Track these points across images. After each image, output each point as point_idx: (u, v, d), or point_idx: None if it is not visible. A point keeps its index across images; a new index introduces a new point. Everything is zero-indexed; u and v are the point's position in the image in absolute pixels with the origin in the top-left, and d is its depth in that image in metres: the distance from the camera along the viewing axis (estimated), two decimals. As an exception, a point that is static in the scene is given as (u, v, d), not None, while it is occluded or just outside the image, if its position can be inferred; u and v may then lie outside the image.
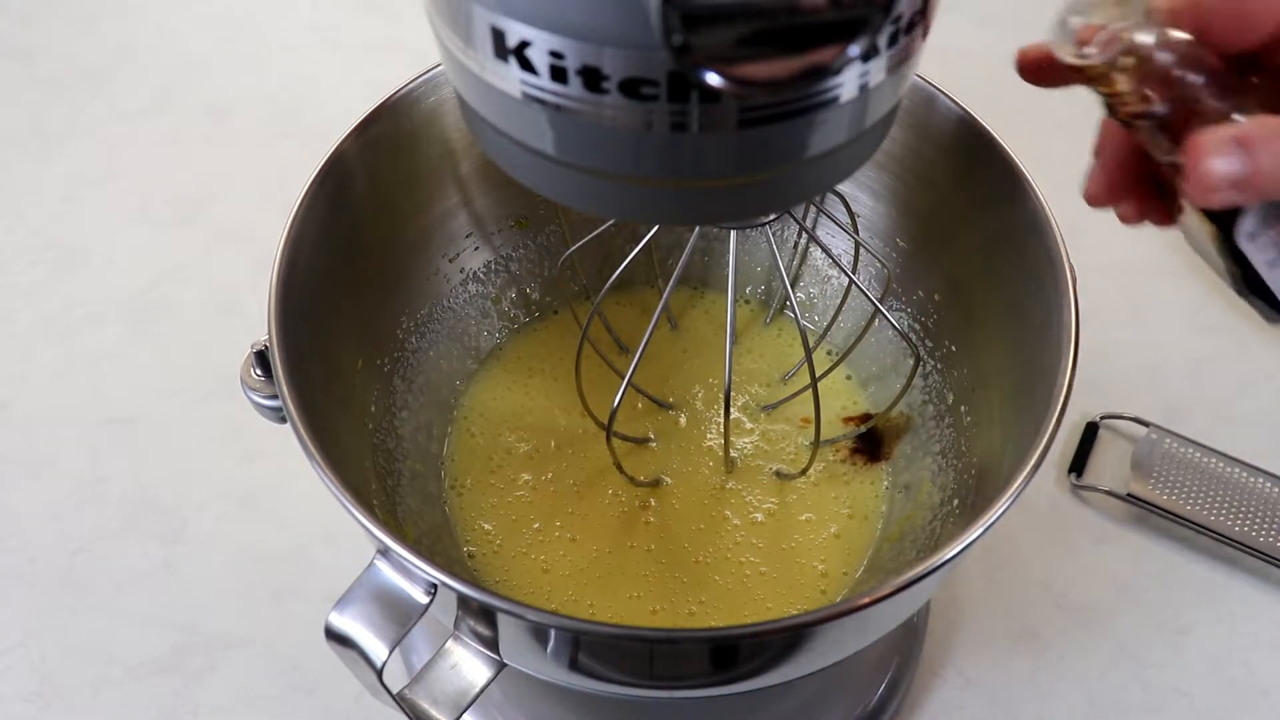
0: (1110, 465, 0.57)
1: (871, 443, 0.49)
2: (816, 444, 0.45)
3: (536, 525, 0.46)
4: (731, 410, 0.50)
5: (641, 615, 0.44)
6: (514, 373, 0.51)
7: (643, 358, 0.41)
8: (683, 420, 0.50)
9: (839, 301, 0.50)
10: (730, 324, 0.42)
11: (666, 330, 0.53)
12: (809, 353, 0.43)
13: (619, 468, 0.46)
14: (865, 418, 0.49)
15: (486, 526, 0.46)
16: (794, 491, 0.47)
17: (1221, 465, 0.55)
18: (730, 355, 0.42)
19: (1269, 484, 0.54)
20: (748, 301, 0.54)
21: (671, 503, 0.47)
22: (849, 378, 0.51)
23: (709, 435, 0.49)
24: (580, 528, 0.46)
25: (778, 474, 0.48)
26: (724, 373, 0.50)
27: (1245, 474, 0.54)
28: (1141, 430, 0.57)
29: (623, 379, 0.42)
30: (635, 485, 0.47)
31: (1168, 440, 0.55)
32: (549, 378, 0.51)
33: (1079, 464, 0.56)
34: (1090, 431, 0.57)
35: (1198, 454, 0.55)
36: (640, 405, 0.50)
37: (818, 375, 0.48)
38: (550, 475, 0.48)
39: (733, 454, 0.48)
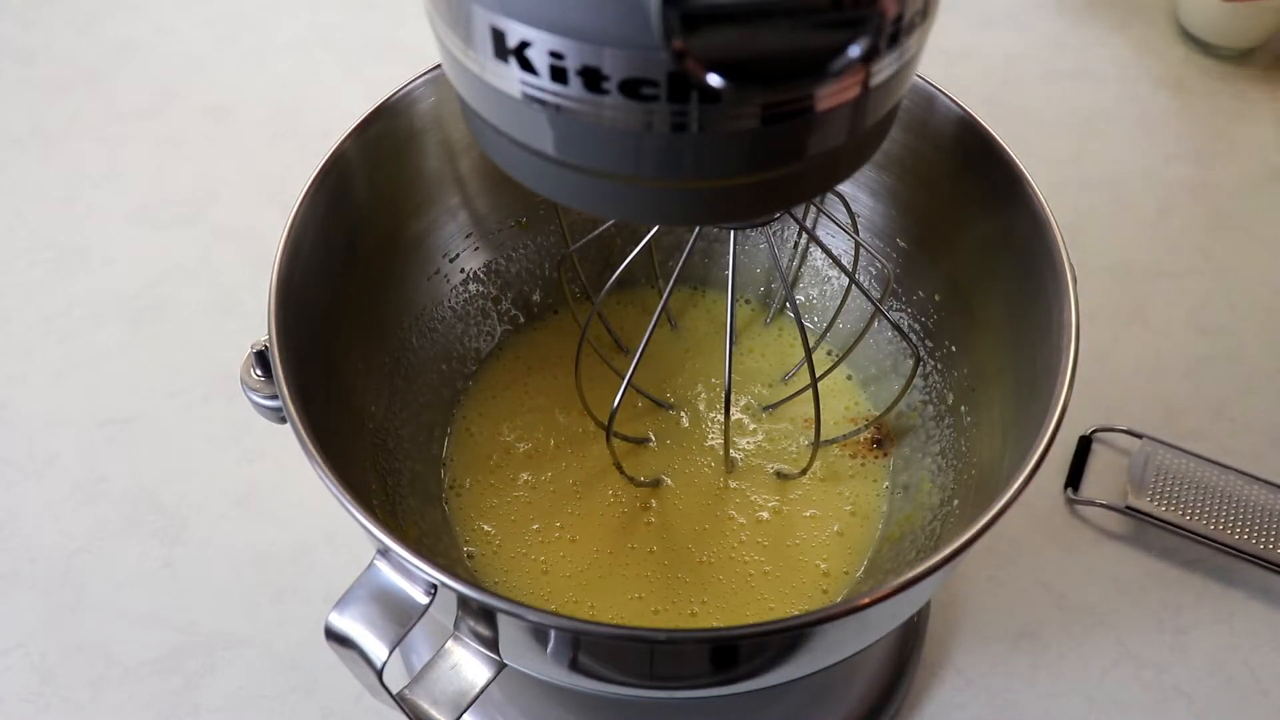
0: (1107, 478, 0.57)
1: (885, 438, 0.49)
2: (817, 444, 0.45)
3: (536, 526, 0.46)
4: (733, 410, 0.50)
5: (643, 616, 0.44)
6: (514, 372, 0.51)
7: (643, 358, 0.41)
8: (684, 420, 0.50)
9: (839, 302, 0.50)
10: (730, 324, 0.42)
11: (667, 330, 0.53)
12: (809, 353, 0.42)
13: (619, 468, 0.46)
14: (872, 418, 0.50)
15: (486, 528, 0.46)
16: (798, 488, 0.47)
17: (1217, 474, 0.54)
18: (730, 355, 0.42)
19: (1266, 491, 0.54)
20: (748, 301, 0.54)
21: (674, 503, 0.47)
22: (849, 378, 0.51)
23: (710, 435, 0.49)
24: (581, 528, 0.46)
25: (778, 474, 0.48)
26: (724, 373, 0.50)
27: (1241, 482, 0.54)
28: (1135, 442, 0.56)
29: (623, 379, 0.42)
30: (636, 486, 0.47)
31: (1162, 451, 0.55)
32: (548, 377, 0.51)
33: (1075, 478, 0.56)
34: (1083, 445, 0.57)
35: (1192, 464, 0.55)
36: (640, 405, 0.50)
37: (820, 375, 0.48)
38: (550, 475, 0.48)
39: (734, 454, 0.48)
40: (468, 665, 0.34)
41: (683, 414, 0.50)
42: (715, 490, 0.47)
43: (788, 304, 0.52)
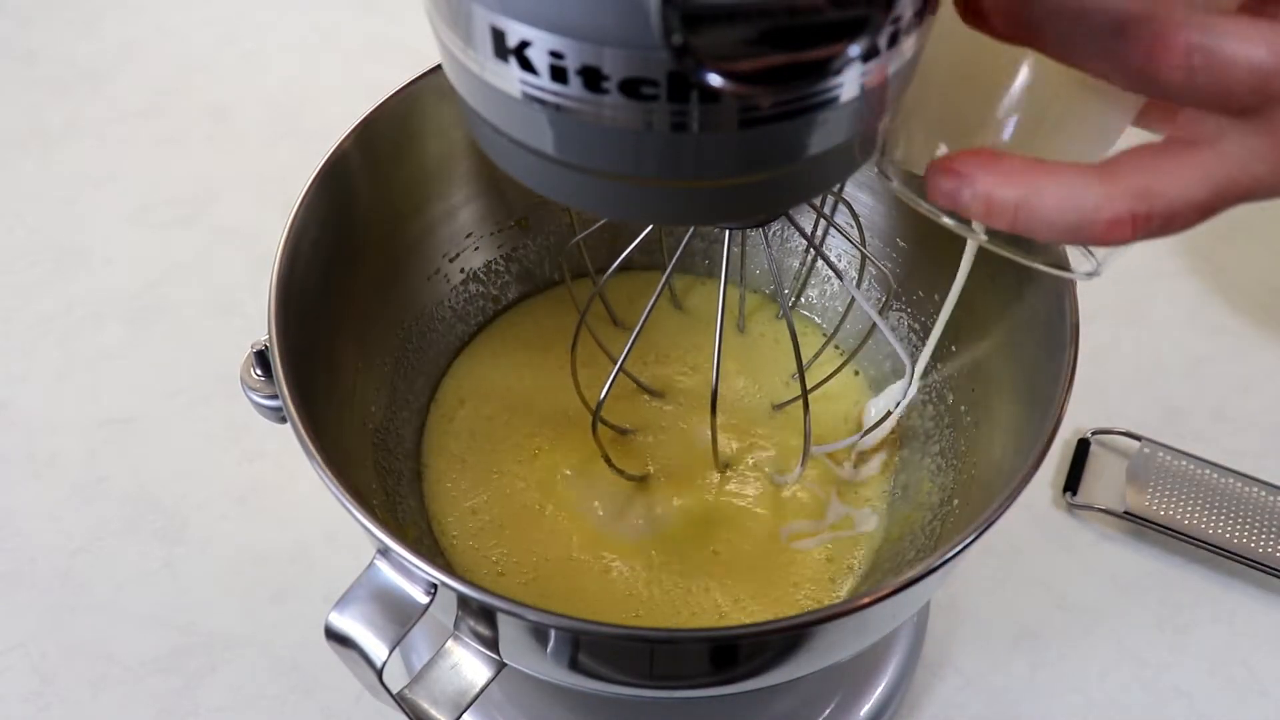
0: (1105, 481, 0.56)
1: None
2: (807, 448, 0.45)
3: (536, 526, 0.46)
4: (733, 410, 0.50)
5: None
6: (514, 373, 0.51)
7: (643, 357, 0.41)
8: (683, 419, 0.50)
9: (845, 300, 0.50)
10: (720, 324, 0.41)
11: (667, 329, 0.53)
12: (800, 361, 0.42)
13: (608, 460, 0.45)
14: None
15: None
16: (797, 487, 0.47)
17: (1216, 476, 0.54)
18: (719, 357, 0.41)
19: (1265, 493, 0.54)
20: (755, 292, 0.54)
21: (672, 502, 0.47)
22: (856, 373, 0.51)
23: (710, 434, 0.49)
24: (581, 529, 0.46)
25: (777, 473, 0.47)
26: (728, 372, 0.50)
27: (1240, 484, 0.54)
28: (1134, 444, 0.56)
29: (621, 378, 0.42)
30: (628, 480, 0.47)
31: (1161, 453, 0.55)
32: (548, 377, 0.51)
33: (1073, 482, 0.56)
34: (1082, 448, 0.57)
35: (1192, 466, 0.55)
36: (639, 400, 0.50)
37: (827, 375, 0.48)
38: (550, 475, 0.48)
39: (733, 453, 0.48)
40: (468, 665, 0.34)
41: (682, 412, 0.50)
42: (715, 489, 0.47)
43: (783, 309, 0.52)
